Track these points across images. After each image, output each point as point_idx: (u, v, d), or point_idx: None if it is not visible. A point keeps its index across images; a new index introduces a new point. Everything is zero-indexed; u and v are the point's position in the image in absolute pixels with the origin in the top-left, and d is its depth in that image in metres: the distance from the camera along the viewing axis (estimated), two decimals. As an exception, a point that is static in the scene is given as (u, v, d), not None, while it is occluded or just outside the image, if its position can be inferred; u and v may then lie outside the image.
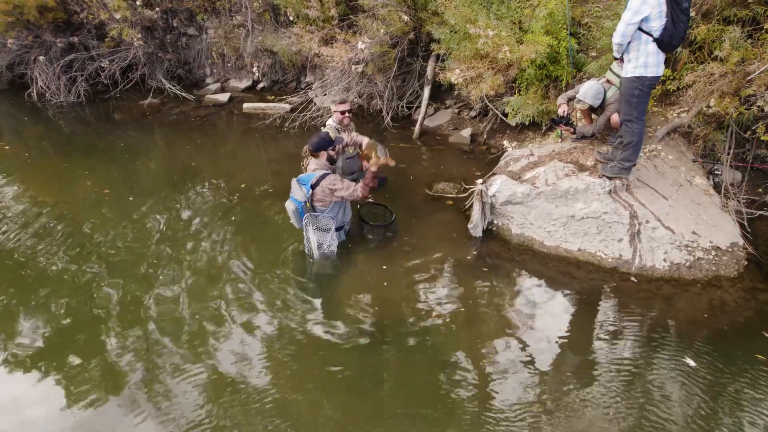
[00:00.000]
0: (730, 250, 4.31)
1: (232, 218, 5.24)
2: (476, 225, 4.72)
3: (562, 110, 4.94)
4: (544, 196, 4.58)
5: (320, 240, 4.38)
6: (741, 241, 4.41)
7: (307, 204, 4.22)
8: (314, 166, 4.37)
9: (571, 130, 4.95)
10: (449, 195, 5.50)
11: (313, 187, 4.21)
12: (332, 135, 4.73)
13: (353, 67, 7.21)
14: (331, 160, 4.48)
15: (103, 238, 5.00)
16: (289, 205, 4.34)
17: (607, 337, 3.74)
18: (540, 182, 4.67)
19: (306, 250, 4.52)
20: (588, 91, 4.72)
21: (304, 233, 4.42)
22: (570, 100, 5.00)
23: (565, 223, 4.50)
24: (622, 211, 4.39)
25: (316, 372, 3.47)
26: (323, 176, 4.22)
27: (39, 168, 6.76)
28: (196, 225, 5.19)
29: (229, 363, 3.55)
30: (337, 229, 4.52)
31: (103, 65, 9.08)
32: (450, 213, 5.22)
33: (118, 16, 8.62)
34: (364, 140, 4.54)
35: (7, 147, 7.38)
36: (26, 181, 6.31)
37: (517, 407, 3.19)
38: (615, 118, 4.70)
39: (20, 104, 9.12)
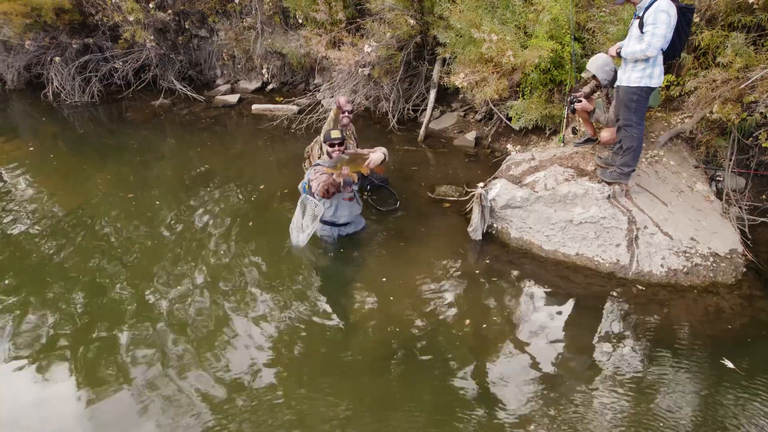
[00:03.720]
0: (729, 256, 4.31)
1: (249, 224, 5.29)
2: (476, 228, 4.77)
3: (581, 94, 4.90)
4: (543, 200, 4.62)
5: (305, 223, 4.62)
6: (740, 248, 4.41)
7: (308, 186, 4.51)
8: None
9: (591, 106, 4.84)
10: (450, 198, 5.56)
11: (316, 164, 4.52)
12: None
13: (360, 69, 7.30)
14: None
15: (122, 238, 5.11)
16: (299, 187, 4.72)
17: (604, 342, 3.77)
18: (539, 186, 4.71)
19: (290, 226, 4.74)
20: (595, 60, 4.64)
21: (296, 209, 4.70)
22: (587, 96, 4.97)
23: (564, 227, 4.54)
24: (621, 217, 4.42)
25: (323, 377, 3.52)
26: (317, 164, 4.46)
27: (61, 168, 6.91)
28: (212, 227, 5.27)
29: (238, 365, 3.61)
30: (329, 223, 4.70)
31: (116, 66, 9.28)
32: (451, 216, 5.28)
33: (131, 18, 8.80)
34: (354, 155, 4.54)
35: (31, 147, 7.59)
36: (50, 181, 6.49)
37: (523, 413, 3.22)
38: (606, 135, 4.71)
39: (37, 104, 9.36)
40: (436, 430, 3.14)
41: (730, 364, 3.49)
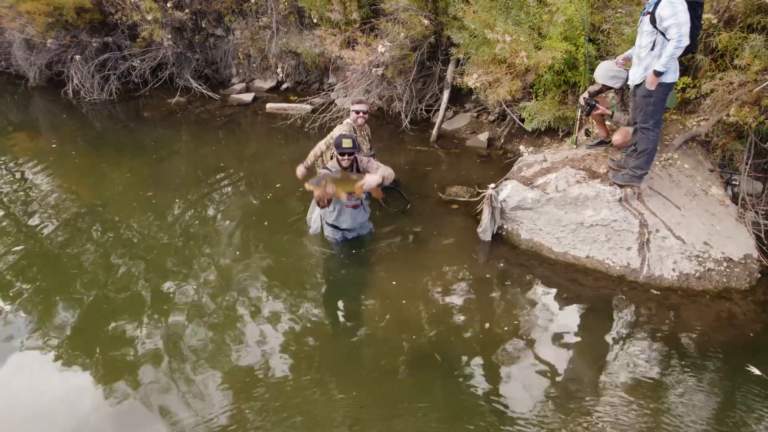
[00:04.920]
0: (743, 261, 4.25)
1: (265, 223, 5.33)
2: (485, 229, 4.77)
3: (585, 93, 4.89)
4: (554, 202, 4.60)
5: (314, 217, 4.84)
6: (755, 254, 4.35)
7: None
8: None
9: (609, 112, 4.82)
10: (461, 199, 5.55)
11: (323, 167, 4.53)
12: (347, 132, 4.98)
13: (373, 69, 7.32)
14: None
15: (142, 236, 5.18)
16: None
17: (612, 346, 3.76)
18: (551, 188, 4.69)
19: (307, 215, 5.00)
20: (598, 70, 4.61)
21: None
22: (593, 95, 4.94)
23: (574, 229, 4.52)
24: (632, 220, 4.38)
25: (334, 379, 3.54)
26: (325, 168, 4.47)
27: (83, 166, 7.03)
28: (227, 226, 5.32)
29: (249, 365, 3.65)
30: (332, 226, 4.72)
31: (134, 64, 9.43)
32: (461, 216, 5.28)
33: (149, 18, 8.94)
34: (370, 177, 4.29)
35: (54, 144, 7.76)
36: (73, 179, 6.62)
37: (535, 419, 3.20)
38: (618, 138, 4.68)
39: (58, 101, 9.54)
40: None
41: (756, 371, 3.45)
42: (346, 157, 4.33)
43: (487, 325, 3.93)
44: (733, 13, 5.02)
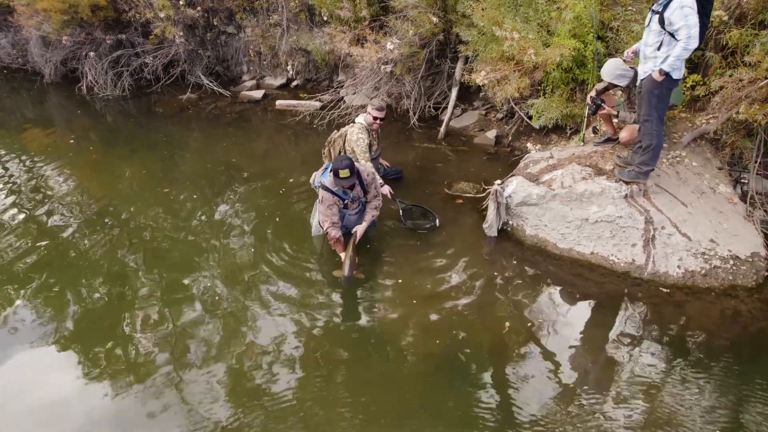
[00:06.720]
0: (750, 259, 4.23)
1: (276, 219, 5.36)
2: (491, 225, 4.79)
3: (593, 93, 4.89)
4: (560, 198, 4.61)
5: (317, 220, 4.77)
6: (763, 252, 4.32)
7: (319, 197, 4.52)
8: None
9: (615, 111, 4.85)
10: (467, 194, 5.57)
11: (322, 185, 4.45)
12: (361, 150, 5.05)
13: (382, 67, 7.36)
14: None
15: (157, 232, 5.26)
16: (311, 182, 4.96)
17: (616, 342, 3.77)
18: (556, 185, 4.70)
19: (310, 217, 5.02)
20: (605, 67, 4.60)
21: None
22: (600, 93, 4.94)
23: (579, 226, 4.52)
24: (637, 216, 4.37)
25: (339, 381, 3.55)
26: (324, 187, 4.39)
27: (100, 162, 7.16)
28: (241, 220, 5.39)
29: (255, 364, 3.67)
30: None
31: (146, 61, 9.54)
32: (466, 212, 5.30)
33: (162, 15, 9.05)
34: (359, 228, 4.54)
35: (71, 141, 7.89)
36: (91, 175, 6.76)
37: (543, 423, 3.21)
38: (625, 135, 4.66)
39: (72, 97, 9.71)
40: None
41: None
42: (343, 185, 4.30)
43: (507, 324, 3.93)
44: (745, 10, 4.98)
